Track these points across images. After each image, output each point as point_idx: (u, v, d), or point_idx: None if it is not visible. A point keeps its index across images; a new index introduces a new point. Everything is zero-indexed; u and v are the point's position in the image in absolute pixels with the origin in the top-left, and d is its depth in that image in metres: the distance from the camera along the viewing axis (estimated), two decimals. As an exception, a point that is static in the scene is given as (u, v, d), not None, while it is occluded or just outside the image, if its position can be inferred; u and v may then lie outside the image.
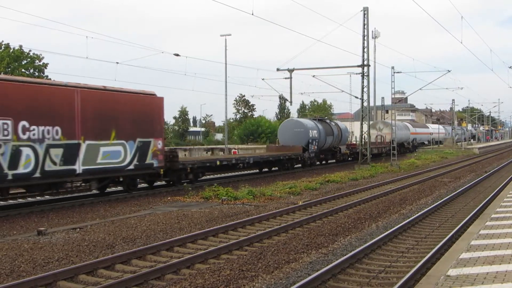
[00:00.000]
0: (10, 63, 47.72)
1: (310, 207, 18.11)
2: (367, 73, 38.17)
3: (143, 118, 20.94)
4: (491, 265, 8.56)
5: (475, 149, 67.72)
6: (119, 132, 19.74)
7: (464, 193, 22.09)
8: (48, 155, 16.96)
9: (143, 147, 20.78)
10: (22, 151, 16.18)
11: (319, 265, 10.27)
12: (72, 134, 17.83)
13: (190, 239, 12.45)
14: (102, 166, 18.98)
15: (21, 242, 12.08)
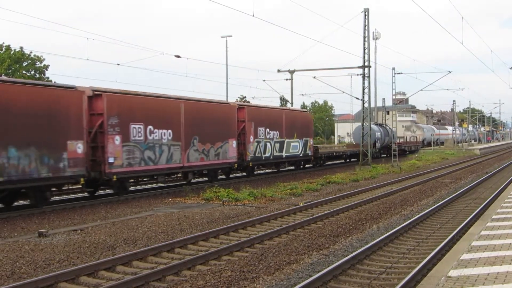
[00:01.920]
0: (11, 64, 47.81)
1: (311, 208, 18.11)
2: (368, 74, 38.19)
3: (305, 124, 34.43)
4: (492, 266, 8.56)
5: (476, 150, 67.71)
6: (298, 133, 32.67)
7: (465, 194, 22.08)
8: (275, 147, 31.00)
9: (306, 143, 33.65)
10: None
11: (320, 266, 10.27)
12: (281, 133, 31.15)
13: (191, 241, 12.45)
14: (291, 154, 32.13)
15: (22, 244, 12.08)
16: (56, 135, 16.95)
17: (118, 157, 19.20)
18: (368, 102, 39.15)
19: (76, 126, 17.64)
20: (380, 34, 47.01)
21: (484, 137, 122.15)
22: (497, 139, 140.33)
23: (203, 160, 23.88)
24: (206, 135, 23.86)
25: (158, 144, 21.09)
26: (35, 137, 16.20)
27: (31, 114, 16.10)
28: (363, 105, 39.26)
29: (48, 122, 16.69)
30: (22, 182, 16.14)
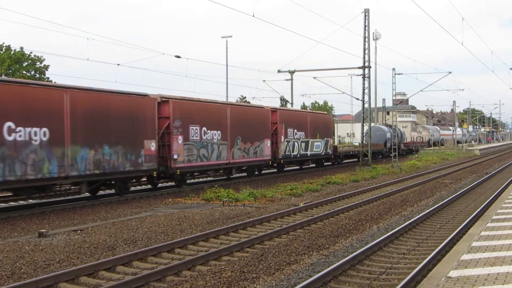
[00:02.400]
0: (11, 65, 47.71)
1: (311, 209, 18.11)
2: (368, 75, 38.19)
3: (326, 126, 37.62)
4: (492, 267, 8.56)
5: (476, 151, 67.73)
6: (320, 133, 35.53)
7: (465, 195, 22.08)
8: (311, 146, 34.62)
9: (327, 143, 36.77)
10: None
11: (320, 266, 10.27)
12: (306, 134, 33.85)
13: (191, 241, 12.46)
14: (314, 152, 35.06)
15: (22, 244, 12.08)
16: (137, 135, 20.32)
17: (181, 154, 22.51)
18: (368, 103, 39.18)
19: (150, 128, 21.06)
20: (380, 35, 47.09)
21: (484, 138, 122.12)
22: (497, 140, 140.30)
23: (244, 157, 27.37)
24: (247, 135, 27.37)
25: (210, 143, 24.54)
26: (121, 137, 19.48)
27: (120, 118, 19.48)
28: (363, 105, 39.27)
29: (131, 124, 20.01)
30: (113, 174, 19.49)
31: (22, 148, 15.72)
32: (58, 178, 17.12)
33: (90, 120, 18.15)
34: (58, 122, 16.93)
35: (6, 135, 15.27)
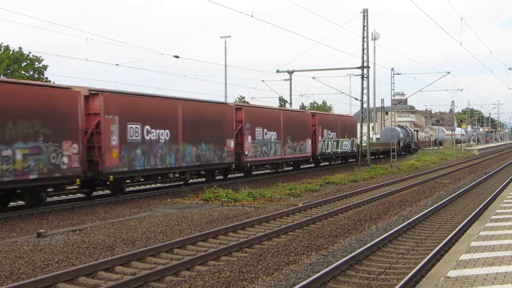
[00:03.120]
0: (10, 65, 47.64)
1: (310, 209, 18.11)
2: (366, 75, 38.21)
3: (352, 127, 42.15)
4: (491, 267, 8.57)
5: (475, 151, 67.77)
6: (348, 134, 40.51)
7: (464, 195, 22.10)
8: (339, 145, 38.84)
9: (352, 142, 41.45)
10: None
11: (319, 266, 10.28)
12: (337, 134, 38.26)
13: (190, 241, 12.45)
14: (343, 150, 39.44)
15: (20, 244, 12.07)
16: (221, 135, 25.30)
17: (250, 150, 27.46)
18: (367, 103, 39.18)
19: (230, 129, 26.00)
20: (379, 35, 47.01)
21: (483, 138, 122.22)
22: (495, 140, 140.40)
23: (292, 154, 32.25)
24: (294, 135, 32.28)
25: (269, 142, 29.40)
26: (212, 137, 24.49)
27: (211, 122, 24.49)
28: (362, 105, 39.29)
29: (218, 127, 25.02)
30: (206, 165, 24.49)
31: (154, 145, 21.07)
32: (174, 168, 22.51)
33: (194, 123, 23.36)
34: (175, 125, 22.27)
35: (145, 135, 20.62)
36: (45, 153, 16.55)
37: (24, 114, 15.93)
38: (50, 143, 16.71)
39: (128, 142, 19.74)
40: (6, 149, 15.38)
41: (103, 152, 18.60)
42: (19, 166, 15.75)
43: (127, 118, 19.67)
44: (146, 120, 20.61)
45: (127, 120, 19.68)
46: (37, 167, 16.32)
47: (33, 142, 16.19)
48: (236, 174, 30.07)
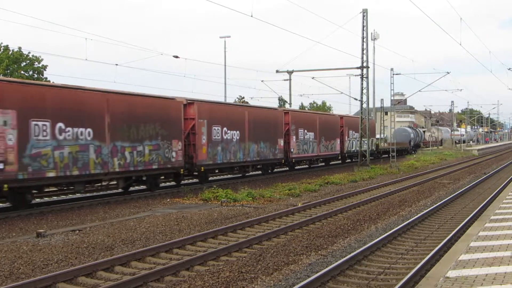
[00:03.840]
0: (9, 65, 47.66)
1: (309, 209, 18.11)
2: (366, 75, 38.18)
3: (372, 127, 43.64)
4: (490, 267, 8.56)
5: (475, 151, 67.78)
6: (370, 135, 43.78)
7: (464, 195, 22.10)
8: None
9: (373, 141, 44.43)
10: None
11: (318, 266, 10.27)
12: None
13: (190, 241, 12.45)
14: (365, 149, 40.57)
15: (20, 244, 12.07)
16: (275, 135, 30.48)
17: (294, 148, 32.43)
18: (367, 103, 39.18)
19: (280, 130, 31.15)
20: (378, 35, 47.09)
21: (482, 138, 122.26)
22: (495, 140, 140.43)
23: (326, 152, 37.18)
24: (327, 135, 37.18)
25: (308, 141, 34.46)
26: (268, 137, 29.68)
27: (267, 124, 29.75)
28: (362, 105, 39.29)
29: (272, 128, 30.20)
30: (263, 161, 29.76)
31: (229, 143, 26.06)
32: (242, 162, 27.39)
33: (255, 126, 28.18)
34: (243, 127, 27.27)
35: (224, 135, 25.60)
36: (162, 149, 21.61)
37: (151, 119, 21.05)
38: (165, 142, 21.76)
39: (213, 141, 24.80)
40: (139, 146, 20.42)
41: (197, 148, 23.64)
42: (147, 159, 20.84)
43: (212, 121, 24.62)
44: (224, 123, 25.71)
45: (212, 123, 24.64)
46: (157, 160, 21.41)
47: (155, 141, 21.25)
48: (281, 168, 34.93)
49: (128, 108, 19.97)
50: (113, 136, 19.17)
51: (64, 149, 17.28)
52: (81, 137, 17.91)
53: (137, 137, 20.32)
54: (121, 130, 19.61)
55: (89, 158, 18.16)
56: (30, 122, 16.19)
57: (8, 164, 15.46)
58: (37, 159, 16.39)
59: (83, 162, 17.94)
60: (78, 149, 17.77)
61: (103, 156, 18.70)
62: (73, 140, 17.61)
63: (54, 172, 16.93)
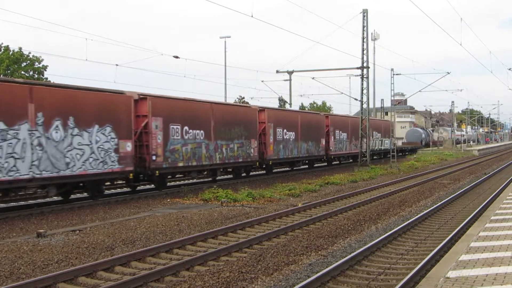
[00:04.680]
0: (10, 65, 47.69)
1: (309, 209, 18.11)
2: (366, 75, 38.19)
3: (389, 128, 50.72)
4: (491, 267, 8.56)
5: (475, 151, 67.74)
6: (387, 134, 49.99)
7: (464, 195, 22.09)
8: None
9: (390, 141, 48.91)
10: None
11: (318, 267, 10.27)
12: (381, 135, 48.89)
13: (190, 241, 12.45)
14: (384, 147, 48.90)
15: (20, 244, 12.07)
16: (318, 135, 35.91)
17: (333, 147, 38.18)
18: (367, 103, 39.19)
19: (322, 131, 36.75)
20: (379, 35, 47.07)
21: (482, 138, 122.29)
22: (495, 140, 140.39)
23: (355, 149, 41.68)
24: (355, 135, 41.53)
25: (342, 140, 40.14)
26: (313, 137, 34.98)
27: (313, 126, 35.31)
28: (362, 106, 39.30)
29: (317, 130, 35.91)
30: (311, 157, 35.65)
31: (287, 142, 31.61)
32: (296, 157, 33.23)
33: (305, 128, 33.73)
34: (297, 128, 32.80)
35: (284, 136, 31.29)
36: (244, 146, 27.22)
37: (237, 123, 26.62)
38: (246, 140, 27.38)
39: (277, 140, 30.54)
40: (231, 143, 26.09)
41: (266, 146, 29.31)
42: (236, 154, 26.49)
43: (276, 124, 30.57)
44: (284, 125, 31.38)
45: (276, 125, 30.55)
46: (242, 155, 27.06)
47: (240, 140, 26.84)
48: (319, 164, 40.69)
49: (224, 114, 25.80)
50: (216, 136, 24.92)
51: (188, 146, 22.97)
52: (197, 137, 23.63)
53: (229, 136, 25.99)
54: (220, 131, 25.26)
55: (202, 152, 23.86)
56: (169, 126, 21.80)
57: (158, 156, 21.03)
58: (173, 153, 21.98)
59: (198, 156, 23.63)
60: (195, 146, 23.49)
61: (210, 151, 24.46)
62: (193, 139, 23.31)
63: (182, 162, 22.65)
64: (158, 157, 20.92)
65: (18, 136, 15.69)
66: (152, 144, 20.60)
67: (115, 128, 19.19)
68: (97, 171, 18.35)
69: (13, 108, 15.64)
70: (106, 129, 18.86)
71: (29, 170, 15.98)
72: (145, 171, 20.89)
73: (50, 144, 16.69)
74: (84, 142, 17.91)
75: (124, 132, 19.52)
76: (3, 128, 15.26)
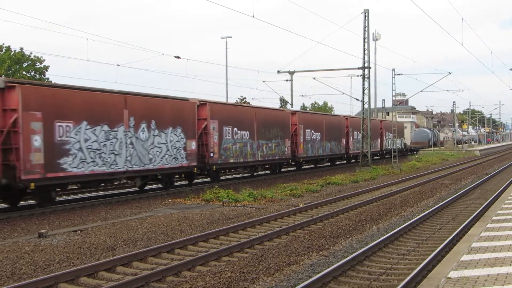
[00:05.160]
0: (11, 65, 47.72)
1: (311, 209, 18.10)
2: (367, 75, 38.16)
3: (401, 131, 52.96)
4: (492, 267, 8.56)
5: (476, 151, 67.68)
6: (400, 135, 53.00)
7: (465, 195, 22.07)
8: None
9: (402, 141, 53.79)
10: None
11: (320, 267, 10.27)
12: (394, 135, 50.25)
13: (191, 241, 12.45)
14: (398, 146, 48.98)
15: (22, 245, 12.09)
16: (339, 136, 39.74)
17: (352, 145, 41.65)
18: (368, 103, 39.17)
19: (343, 132, 40.44)
20: (380, 35, 47.12)
21: (484, 138, 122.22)
22: (497, 141, 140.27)
23: (376, 148, 45.40)
24: (373, 135, 42.53)
25: (360, 140, 39.89)
26: (336, 136, 39.00)
27: (336, 127, 39.09)
28: (363, 106, 39.28)
29: (338, 130, 39.72)
30: (333, 155, 39.33)
31: (314, 141, 35.51)
32: (321, 155, 37.03)
33: (329, 128, 37.29)
34: (322, 130, 36.47)
35: (312, 136, 34.99)
36: (280, 146, 30.90)
37: (274, 125, 30.38)
38: (282, 140, 31.09)
39: (306, 139, 34.21)
40: (269, 143, 29.78)
41: (297, 145, 33.14)
42: (273, 152, 30.27)
43: (306, 126, 34.23)
44: (312, 126, 35.10)
45: (306, 127, 34.20)
46: (278, 153, 30.85)
47: (277, 139, 30.62)
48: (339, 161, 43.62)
49: (264, 117, 29.59)
50: (258, 136, 28.52)
51: (237, 144, 26.56)
52: (244, 137, 27.17)
53: (268, 136, 29.65)
54: (261, 132, 28.86)
55: (247, 150, 27.51)
56: (223, 127, 25.44)
57: (215, 153, 24.80)
58: (226, 151, 25.64)
59: (244, 153, 27.25)
60: (242, 145, 27.08)
61: (253, 149, 28.08)
62: (240, 139, 26.89)
63: (232, 159, 26.33)
64: (214, 154, 24.89)
65: (117, 136, 19.15)
66: (210, 143, 24.54)
67: (184, 130, 22.75)
68: (171, 166, 22.09)
69: (113, 113, 19.08)
70: (177, 130, 22.39)
71: (124, 164, 19.46)
72: (205, 166, 24.60)
73: (138, 143, 20.20)
74: (162, 141, 21.46)
75: (190, 133, 23.17)
76: (107, 130, 18.72)
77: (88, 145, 17.95)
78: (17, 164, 15.66)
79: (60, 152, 16.88)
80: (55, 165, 16.77)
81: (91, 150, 18.03)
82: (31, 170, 16.01)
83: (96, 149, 18.23)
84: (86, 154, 17.87)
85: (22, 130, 15.80)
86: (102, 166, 18.44)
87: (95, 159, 18.18)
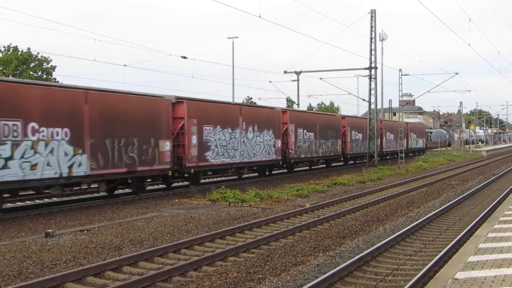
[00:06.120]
0: (18, 65, 47.87)
1: (317, 210, 18.08)
2: (374, 76, 38.08)
3: (423, 131, 64.04)
4: (499, 268, 8.52)
5: (483, 152, 67.40)
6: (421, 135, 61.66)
7: (472, 196, 21.99)
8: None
9: (424, 141, 63.17)
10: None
11: (326, 267, 10.25)
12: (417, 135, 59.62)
13: (198, 242, 12.47)
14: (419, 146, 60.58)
15: (29, 244, 12.13)
16: (335, 136, 37.83)
17: (349, 146, 40.18)
18: (375, 104, 39.10)
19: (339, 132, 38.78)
20: (386, 36, 46.86)
21: (491, 139, 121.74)
22: (504, 141, 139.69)
23: (397, 148, 46.17)
24: (397, 136, 46.95)
25: (358, 141, 41.69)
26: (331, 136, 36.81)
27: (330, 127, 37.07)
28: (370, 106, 39.21)
29: (333, 130, 37.53)
30: (361, 153, 41.47)
31: (357, 141, 41.14)
32: (363, 153, 41.02)
33: (323, 129, 35.65)
34: (363, 131, 40.82)
35: (355, 136, 40.43)
36: (334, 145, 36.93)
37: (330, 127, 36.82)
38: (334, 140, 36.95)
39: (352, 139, 40.20)
40: (326, 142, 35.82)
41: (347, 144, 39.11)
42: (329, 149, 36.34)
43: (352, 128, 40.05)
44: (356, 128, 40.84)
45: (352, 129, 40.05)
46: (333, 150, 36.90)
47: (332, 139, 36.58)
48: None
49: (323, 121, 35.93)
50: (320, 136, 34.70)
51: (305, 143, 32.92)
52: (311, 137, 33.52)
53: (326, 136, 35.64)
54: (322, 133, 34.94)
55: (312, 148, 33.85)
56: (297, 129, 31.88)
57: (291, 150, 31.06)
58: (299, 148, 32.12)
59: (310, 150, 33.63)
60: (309, 143, 33.38)
61: (316, 147, 34.29)
62: (308, 139, 33.29)
63: (303, 155, 32.79)
64: (292, 151, 31.10)
65: (235, 136, 25.55)
66: (289, 141, 30.76)
67: (273, 131, 29.08)
68: (266, 159, 28.45)
69: (234, 119, 25.69)
70: (270, 131, 28.76)
71: (239, 158, 25.97)
72: (285, 160, 30.97)
73: (247, 142, 26.61)
74: (261, 140, 27.82)
75: (277, 133, 29.44)
76: (230, 131, 25.16)
77: (220, 143, 24.29)
78: (183, 155, 22.17)
79: (205, 148, 23.25)
80: (203, 157, 23.15)
81: (221, 146, 24.39)
82: (191, 160, 22.45)
83: (224, 145, 24.58)
84: (219, 149, 24.20)
85: (187, 131, 22.20)
86: (227, 158, 24.83)
87: (224, 153, 24.51)
